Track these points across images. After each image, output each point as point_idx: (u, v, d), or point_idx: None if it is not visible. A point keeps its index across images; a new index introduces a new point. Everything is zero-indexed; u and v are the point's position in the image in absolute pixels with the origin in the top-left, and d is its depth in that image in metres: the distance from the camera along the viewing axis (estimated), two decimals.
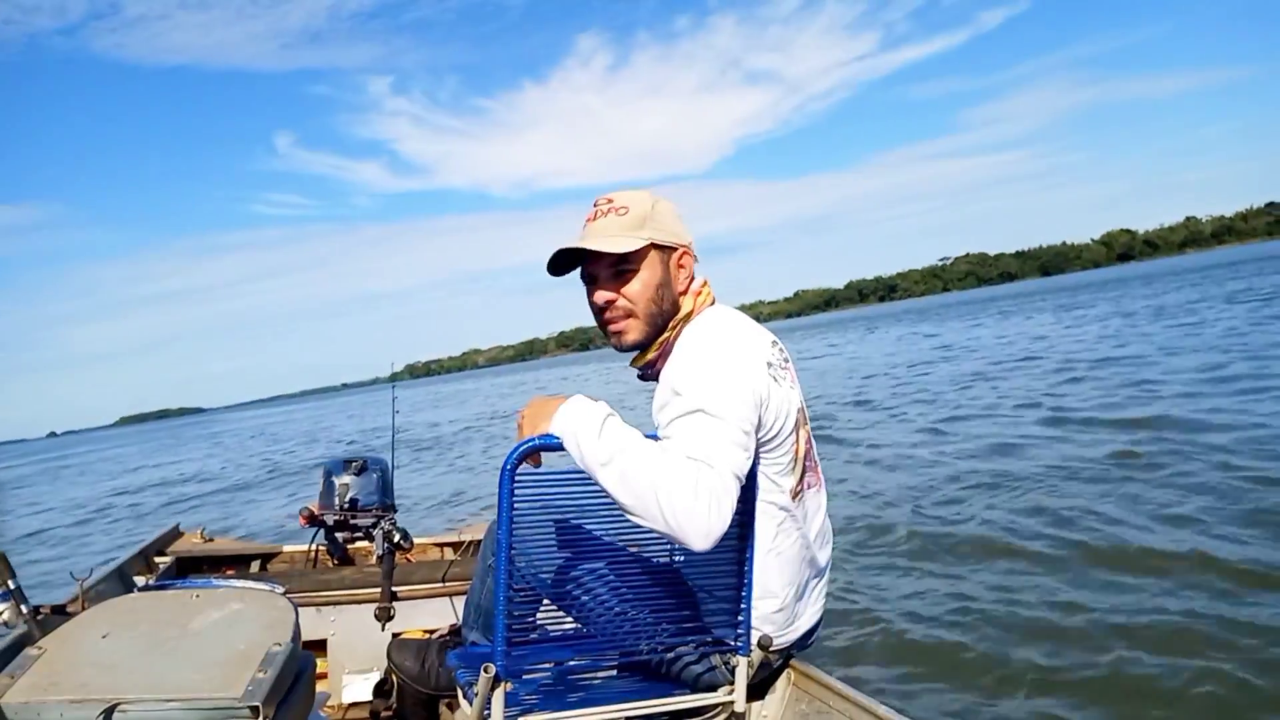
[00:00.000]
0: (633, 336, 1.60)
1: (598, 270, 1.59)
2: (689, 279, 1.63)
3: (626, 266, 1.56)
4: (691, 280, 1.64)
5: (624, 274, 1.57)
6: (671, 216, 1.62)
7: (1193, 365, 9.93)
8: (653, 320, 1.59)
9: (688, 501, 1.23)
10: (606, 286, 1.59)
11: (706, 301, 1.64)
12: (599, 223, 1.58)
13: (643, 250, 1.56)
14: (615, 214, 1.58)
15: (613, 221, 1.57)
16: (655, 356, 1.61)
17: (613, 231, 1.56)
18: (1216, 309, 18.23)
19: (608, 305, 1.59)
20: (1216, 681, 2.75)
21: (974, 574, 4.09)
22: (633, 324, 1.59)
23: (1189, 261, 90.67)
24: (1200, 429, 6.34)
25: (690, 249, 1.64)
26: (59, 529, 12.04)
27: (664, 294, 1.59)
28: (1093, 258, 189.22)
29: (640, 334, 1.59)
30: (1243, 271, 36.52)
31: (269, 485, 13.71)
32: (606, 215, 1.58)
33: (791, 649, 1.71)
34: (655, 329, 1.60)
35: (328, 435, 25.51)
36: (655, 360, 1.61)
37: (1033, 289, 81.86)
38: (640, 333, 1.59)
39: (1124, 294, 33.74)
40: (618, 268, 1.57)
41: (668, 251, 1.60)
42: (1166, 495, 4.80)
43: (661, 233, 1.59)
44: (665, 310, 1.59)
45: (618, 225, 1.57)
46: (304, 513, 2.91)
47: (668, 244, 1.60)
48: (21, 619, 1.72)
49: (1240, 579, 3.47)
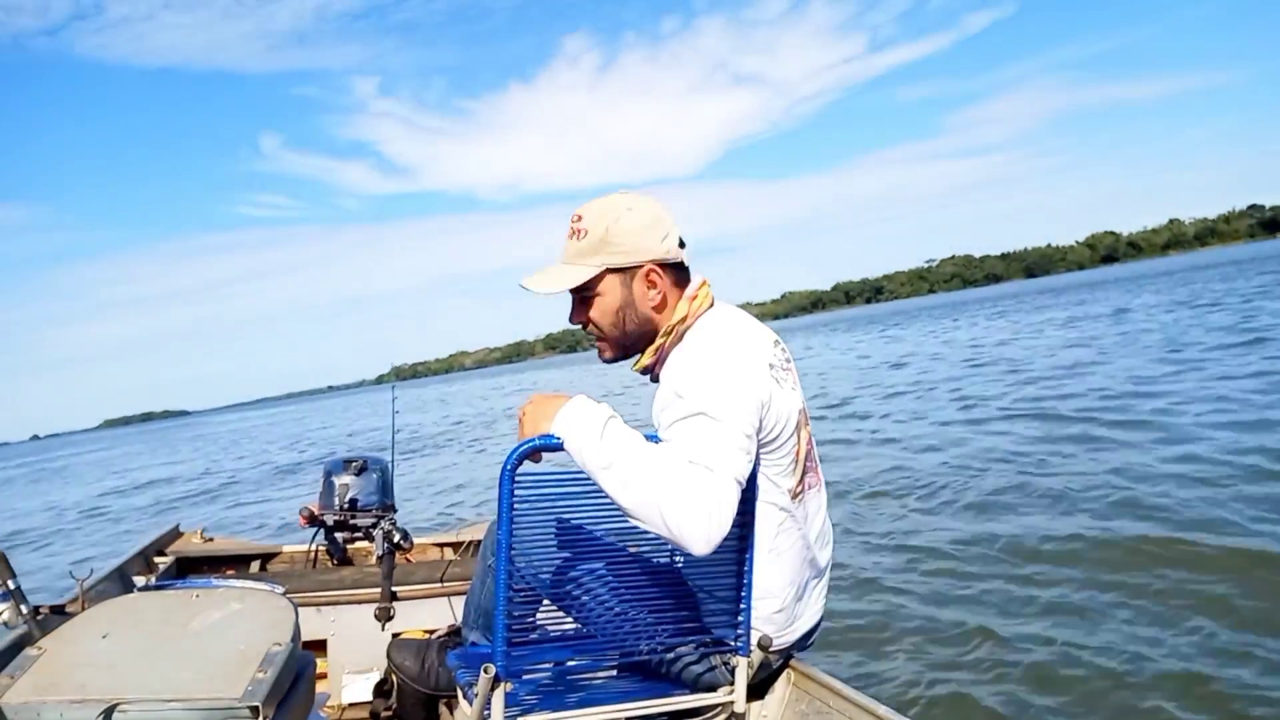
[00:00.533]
0: (608, 355, 1.64)
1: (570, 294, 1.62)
2: (661, 295, 1.57)
3: (585, 293, 1.58)
4: (665, 296, 1.57)
5: (586, 300, 1.59)
6: (636, 232, 1.54)
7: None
8: (619, 341, 1.61)
9: (688, 508, 1.23)
10: (576, 310, 1.62)
11: (705, 304, 1.60)
12: (565, 245, 1.59)
13: (597, 277, 1.55)
14: (576, 237, 1.57)
15: (574, 245, 1.57)
16: (652, 362, 1.61)
17: (569, 258, 1.57)
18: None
19: (584, 325, 1.62)
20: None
21: (975, 575, 4.09)
22: (603, 344, 1.63)
23: (1172, 263, 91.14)
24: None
25: (659, 264, 1.56)
26: (38, 531, 12.05)
27: (626, 315, 1.58)
28: (1077, 259, 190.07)
29: (614, 352, 1.63)
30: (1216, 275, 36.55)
31: (262, 485, 13.75)
32: (571, 237, 1.58)
33: (791, 649, 1.70)
34: (627, 347, 1.62)
35: (323, 436, 25.56)
36: (653, 365, 1.61)
37: (1017, 290, 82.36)
38: (613, 351, 1.63)
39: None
40: (579, 294, 1.59)
41: (628, 272, 1.56)
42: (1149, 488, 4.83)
43: (618, 255, 1.54)
44: (631, 331, 1.59)
45: (574, 251, 1.57)
46: (304, 513, 2.91)
47: (625, 266, 1.55)
48: (21, 619, 1.72)
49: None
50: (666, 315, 1.59)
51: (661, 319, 1.59)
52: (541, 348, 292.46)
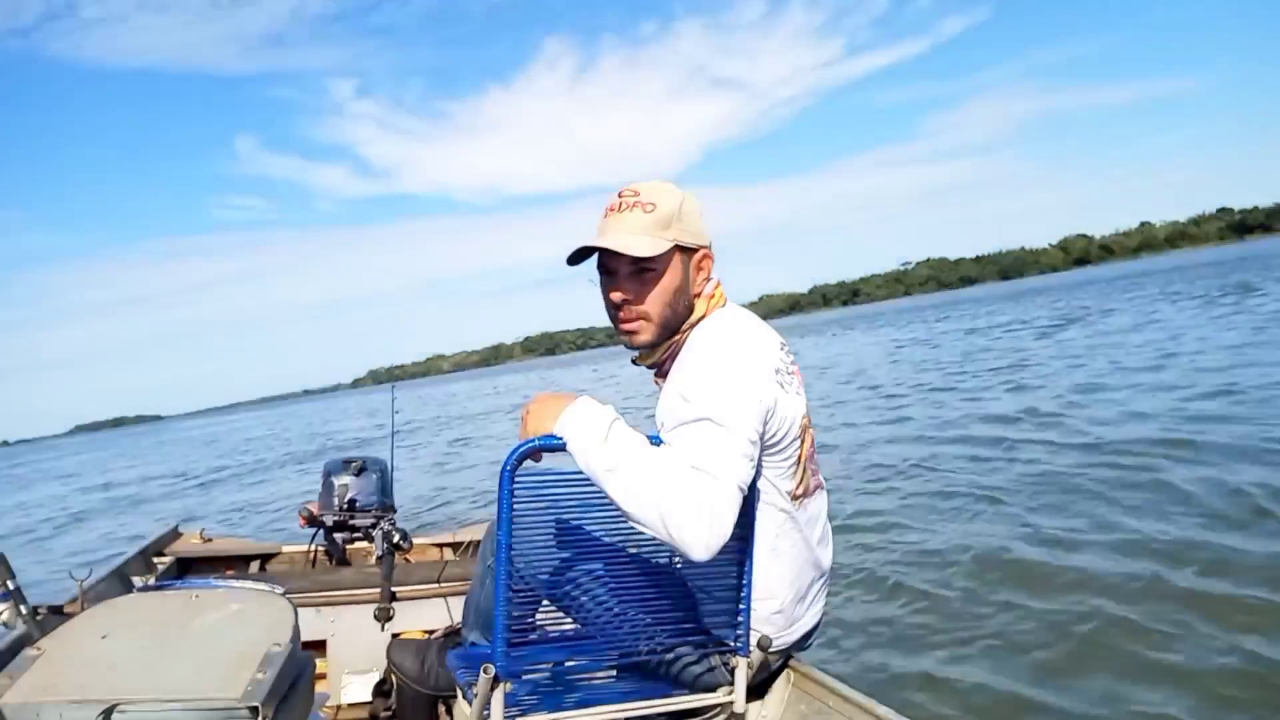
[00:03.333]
0: (644, 338, 1.57)
1: (617, 266, 1.53)
2: (706, 281, 1.59)
3: (648, 267, 1.51)
4: (708, 282, 1.60)
5: (644, 274, 1.52)
6: (698, 215, 1.56)
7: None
8: (666, 323, 1.55)
9: (690, 514, 1.23)
10: (624, 286, 1.54)
11: (718, 304, 1.61)
12: (623, 216, 1.52)
13: (667, 253, 1.51)
14: (641, 209, 1.51)
15: (638, 217, 1.51)
16: (663, 358, 1.60)
17: (637, 229, 1.50)
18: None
19: (623, 304, 1.55)
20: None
21: (976, 575, 4.09)
22: (645, 325, 1.55)
23: (1143, 266, 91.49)
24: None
25: (710, 250, 1.60)
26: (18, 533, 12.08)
27: (681, 298, 1.55)
28: (1050, 262, 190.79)
29: (652, 335, 1.56)
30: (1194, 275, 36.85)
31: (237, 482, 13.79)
32: (632, 210, 1.52)
33: (791, 650, 1.71)
34: (667, 331, 1.57)
35: (329, 437, 25.60)
36: (663, 361, 1.60)
37: (991, 293, 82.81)
38: (652, 334, 1.56)
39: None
40: (638, 267, 1.52)
41: (690, 253, 1.56)
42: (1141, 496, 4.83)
43: (687, 234, 1.54)
44: (680, 314, 1.56)
45: (643, 222, 1.50)
46: (303, 513, 2.90)
47: (691, 246, 1.55)
48: (21, 619, 1.72)
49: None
50: (697, 308, 1.58)
51: (696, 310, 1.58)
52: (520, 351, 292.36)
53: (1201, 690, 2.75)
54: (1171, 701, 2.73)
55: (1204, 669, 2.87)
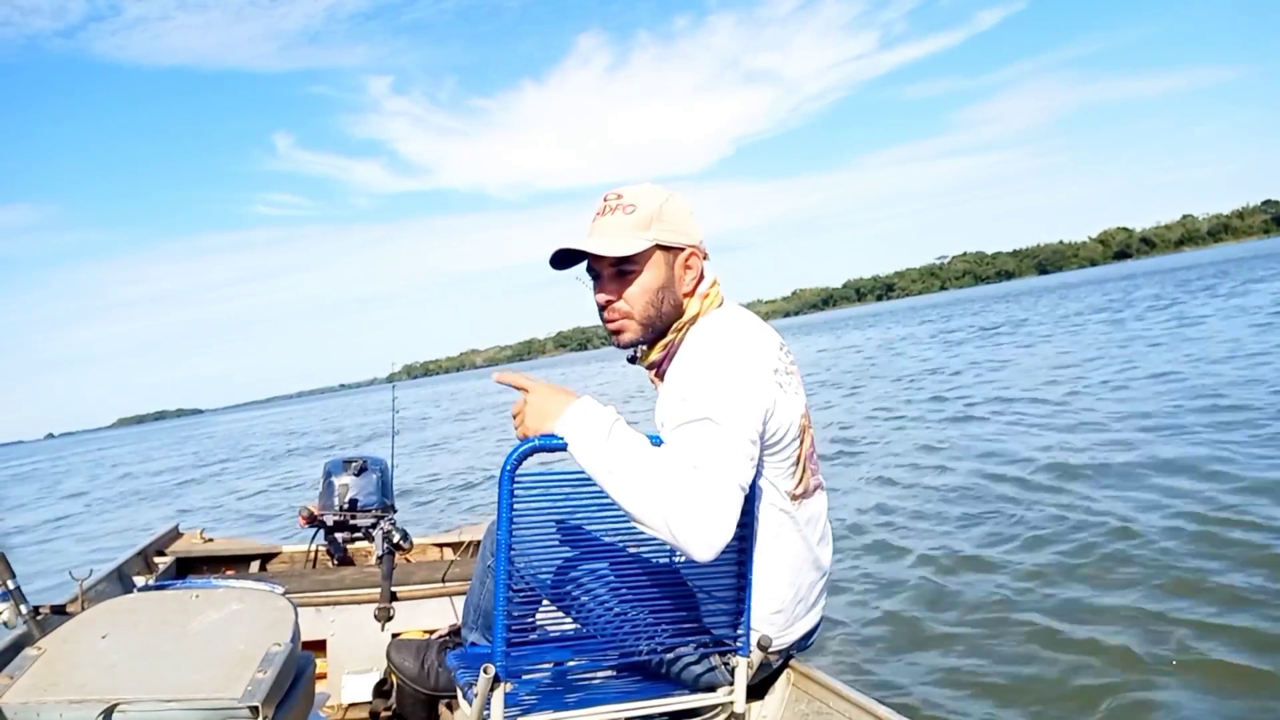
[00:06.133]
0: (629, 336, 1.59)
1: (601, 268, 1.57)
2: (696, 279, 1.60)
3: (628, 267, 1.54)
4: (700, 280, 1.60)
5: (626, 274, 1.55)
6: (682, 214, 1.58)
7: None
8: (650, 322, 1.57)
9: (691, 514, 1.24)
10: (607, 286, 1.57)
11: (715, 303, 1.61)
12: (605, 219, 1.56)
13: (646, 252, 1.53)
14: (622, 211, 1.55)
15: (619, 220, 1.54)
16: (660, 358, 1.60)
17: (618, 230, 1.54)
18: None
19: (607, 304, 1.58)
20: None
21: (975, 576, 4.09)
22: (629, 324, 1.57)
23: (1185, 259, 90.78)
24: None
25: (699, 248, 1.60)
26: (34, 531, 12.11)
27: (665, 296, 1.56)
28: (1090, 256, 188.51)
29: (637, 334, 1.58)
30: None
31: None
32: (614, 212, 1.55)
33: (791, 649, 1.71)
34: (653, 330, 1.58)
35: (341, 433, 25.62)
36: (660, 361, 1.61)
37: (1030, 287, 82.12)
38: (637, 333, 1.58)
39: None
40: (620, 267, 1.54)
41: (674, 252, 1.57)
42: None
43: (669, 232, 1.56)
44: (665, 312, 1.57)
45: (623, 224, 1.54)
46: (303, 513, 2.91)
47: (674, 244, 1.57)
48: (21, 619, 1.72)
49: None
50: (690, 307, 1.59)
51: (686, 309, 1.59)
52: (552, 345, 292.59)
53: (1209, 691, 2.75)
54: (1185, 704, 2.72)
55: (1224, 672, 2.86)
